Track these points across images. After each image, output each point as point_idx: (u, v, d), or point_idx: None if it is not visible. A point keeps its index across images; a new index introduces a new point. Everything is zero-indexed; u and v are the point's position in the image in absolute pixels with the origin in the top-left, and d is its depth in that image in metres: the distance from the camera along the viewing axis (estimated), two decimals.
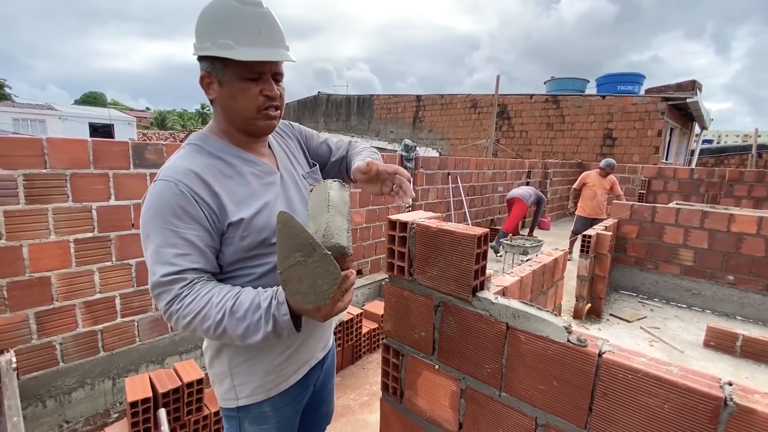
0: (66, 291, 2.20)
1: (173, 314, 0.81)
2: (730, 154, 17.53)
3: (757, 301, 3.62)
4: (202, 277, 0.85)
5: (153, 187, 0.86)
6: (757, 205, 6.28)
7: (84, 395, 2.31)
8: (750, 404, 0.58)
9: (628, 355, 0.70)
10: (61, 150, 2.09)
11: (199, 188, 0.85)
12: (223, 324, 0.79)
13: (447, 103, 15.56)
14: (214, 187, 0.87)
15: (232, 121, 0.94)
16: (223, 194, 0.88)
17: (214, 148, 0.93)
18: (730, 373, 2.81)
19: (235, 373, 0.99)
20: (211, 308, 0.79)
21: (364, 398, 2.44)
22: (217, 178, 0.89)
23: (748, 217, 3.62)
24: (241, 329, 0.79)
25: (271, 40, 0.88)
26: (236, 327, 0.79)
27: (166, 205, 0.83)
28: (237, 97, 0.89)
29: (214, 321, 0.79)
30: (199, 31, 0.87)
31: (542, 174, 9.01)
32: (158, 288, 0.82)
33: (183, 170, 0.86)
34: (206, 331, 0.80)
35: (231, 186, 0.91)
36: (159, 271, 0.81)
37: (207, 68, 0.89)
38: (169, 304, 0.81)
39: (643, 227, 4.11)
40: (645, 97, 11.34)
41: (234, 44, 0.84)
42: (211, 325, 0.79)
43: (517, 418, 0.85)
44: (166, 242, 0.82)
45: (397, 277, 1.06)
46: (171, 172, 0.86)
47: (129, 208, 2.37)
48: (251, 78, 0.88)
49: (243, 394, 0.99)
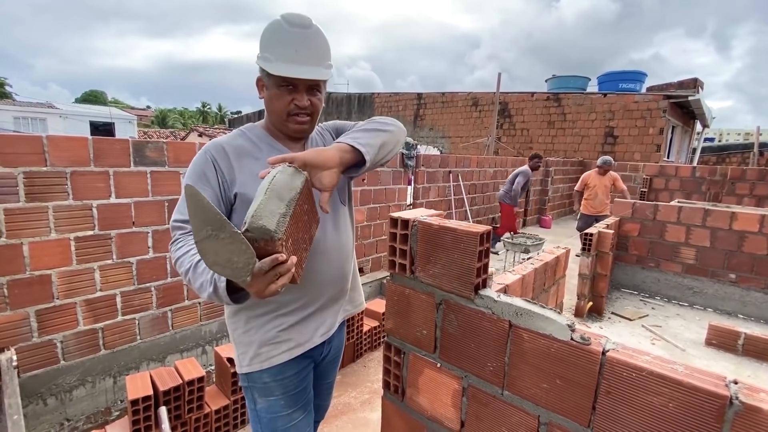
0: (67, 289, 2.20)
1: (172, 255, 1.00)
2: (731, 153, 17.47)
3: (759, 300, 3.61)
4: None
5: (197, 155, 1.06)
6: (759, 203, 6.26)
7: (85, 393, 2.32)
8: (756, 403, 0.57)
9: (633, 354, 0.70)
10: (61, 148, 2.09)
11: (221, 159, 1.03)
12: (188, 274, 0.92)
13: (448, 101, 15.52)
14: (233, 161, 1.04)
15: (271, 119, 1.11)
16: (238, 168, 1.04)
17: (253, 135, 1.11)
18: (732, 372, 2.81)
19: (237, 342, 1.12)
20: (185, 258, 0.95)
21: (365, 396, 2.43)
22: (240, 155, 1.06)
23: (750, 215, 3.61)
24: (197, 284, 0.90)
25: (306, 58, 1.02)
26: (194, 280, 0.91)
27: (195, 167, 1.03)
28: (273, 101, 1.05)
29: (185, 269, 0.93)
30: (260, 43, 1.05)
31: (543, 172, 8.98)
32: (172, 228, 1.02)
33: (216, 144, 1.06)
34: (183, 276, 0.95)
35: (249, 164, 1.05)
36: (173, 217, 1.03)
37: (260, 74, 1.07)
38: (170, 245, 1.01)
39: (645, 225, 4.10)
40: (647, 95, 11.29)
41: (272, 58, 1.00)
42: (183, 272, 0.94)
43: (519, 417, 0.84)
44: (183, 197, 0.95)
45: (399, 275, 1.06)
46: (210, 145, 1.06)
47: (129, 206, 2.37)
48: (285, 87, 1.03)
49: (244, 362, 1.11)
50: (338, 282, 1.18)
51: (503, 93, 13.33)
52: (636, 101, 11.25)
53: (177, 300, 2.66)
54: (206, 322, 2.83)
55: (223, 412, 2.00)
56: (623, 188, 5.64)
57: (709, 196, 6.67)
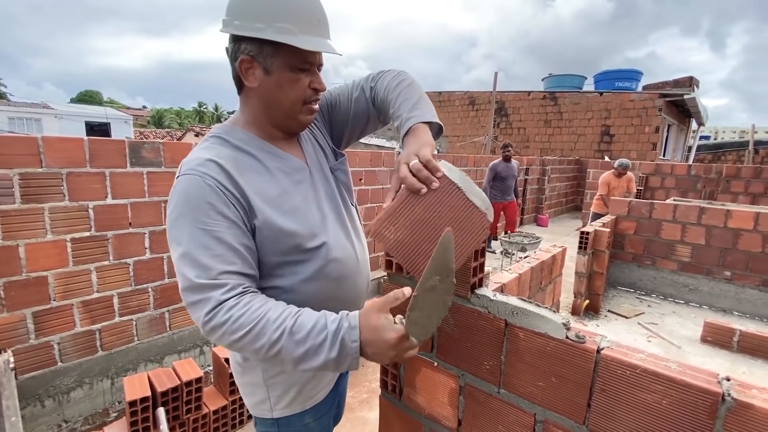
0: (63, 290, 2.19)
1: (218, 327, 0.70)
2: (727, 150, 17.58)
3: (754, 297, 3.64)
4: (246, 286, 0.75)
5: (176, 185, 0.78)
6: (754, 200, 6.31)
7: (82, 395, 2.31)
8: (748, 399, 0.58)
9: (627, 352, 0.71)
10: (56, 149, 2.08)
11: (224, 180, 0.77)
12: (279, 344, 0.70)
13: (445, 100, 15.53)
14: (239, 181, 0.79)
15: (270, 112, 0.86)
16: (249, 190, 0.79)
17: (240, 141, 0.85)
18: (727, 368, 2.83)
19: (270, 384, 0.92)
20: (267, 324, 0.70)
21: (363, 395, 2.44)
22: (242, 171, 0.80)
23: (745, 213, 3.64)
24: (300, 351, 0.70)
25: (326, 30, 0.84)
26: (295, 349, 0.70)
27: (192, 201, 0.74)
28: (285, 88, 0.82)
29: (270, 340, 0.70)
30: (245, 8, 0.77)
31: (540, 171, 9.01)
32: (193, 295, 0.72)
33: (205, 161, 0.77)
34: (258, 350, 0.71)
35: (258, 182, 0.82)
36: (190, 274, 0.72)
37: (250, 51, 0.79)
38: (211, 315, 0.70)
39: (641, 223, 4.12)
40: (642, 94, 11.35)
41: (296, 29, 0.76)
42: (265, 344, 0.70)
43: (516, 415, 0.85)
44: (196, 243, 0.72)
45: (396, 275, 1.06)
46: (193, 164, 0.77)
47: (126, 207, 2.36)
48: (301, 68, 0.82)
49: (279, 406, 0.93)
50: (366, 297, 1.06)
51: (500, 92, 13.36)
52: (632, 100, 11.31)
53: (174, 300, 2.65)
54: None
55: (221, 412, 2.00)
56: (634, 191, 5.64)
57: (704, 194, 6.71)
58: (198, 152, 0.81)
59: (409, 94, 0.89)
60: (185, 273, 0.72)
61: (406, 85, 0.92)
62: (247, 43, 0.79)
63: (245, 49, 0.79)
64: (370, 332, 0.71)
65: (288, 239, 0.83)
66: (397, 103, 0.89)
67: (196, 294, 0.72)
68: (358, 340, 0.70)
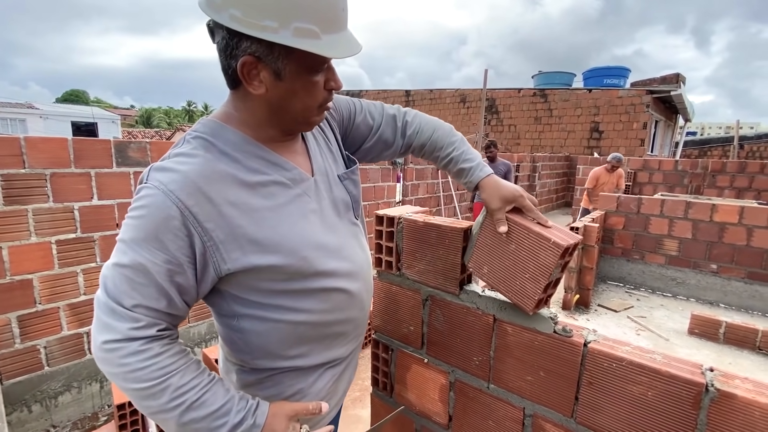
0: (49, 293, 2.15)
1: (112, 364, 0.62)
2: (712, 146, 17.89)
3: (739, 289, 3.72)
4: (163, 327, 0.65)
5: (139, 191, 0.65)
6: (739, 194, 6.42)
7: (71, 399, 2.28)
8: (730, 389, 0.59)
9: (613, 345, 0.71)
10: (40, 149, 2.04)
11: (197, 205, 0.64)
12: (170, 413, 0.63)
13: (436, 97, 15.55)
14: (222, 207, 0.66)
15: (277, 118, 0.72)
16: (235, 214, 0.67)
17: (230, 146, 0.70)
18: (713, 360, 2.88)
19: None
20: (166, 390, 0.62)
21: (356, 393, 2.44)
22: (229, 189, 0.67)
23: (730, 207, 3.70)
24: (189, 429, 0.64)
25: (346, 19, 0.68)
26: (185, 425, 0.63)
27: (143, 219, 0.63)
28: (300, 94, 0.68)
29: (162, 407, 0.62)
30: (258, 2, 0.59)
31: (531, 167, 9.08)
32: (102, 312, 0.63)
33: (181, 179, 0.63)
34: (142, 407, 0.64)
35: (249, 200, 0.69)
36: (107, 292, 0.63)
37: (256, 52, 0.62)
38: (110, 347, 0.61)
39: (630, 218, 4.18)
40: (630, 90, 11.48)
41: (319, 31, 0.61)
42: (154, 407, 0.63)
43: (505, 409, 0.86)
44: (126, 263, 0.63)
45: (386, 273, 1.06)
46: (165, 178, 0.64)
47: (113, 207, 2.33)
48: (318, 69, 0.68)
49: None
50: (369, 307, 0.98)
51: (490, 89, 13.42)
52: (620, 96, 11.43)
53: None
54: (194, 324, 2.80)
55: None
56: (623, 187, 5.65)
57: (691, 188, 6.82)
58: (176, 160, 0.67)
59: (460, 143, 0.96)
60: (103, 286, 0.64)
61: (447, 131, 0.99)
62: (251, 41, 0.62)
63: (248, 48, 0.62)
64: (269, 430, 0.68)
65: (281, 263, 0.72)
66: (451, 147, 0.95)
67: (105, 314, 0.63)
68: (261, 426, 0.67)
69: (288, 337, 0.77)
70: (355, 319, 0.86)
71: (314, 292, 0.77)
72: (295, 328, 0.77)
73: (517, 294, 0.78)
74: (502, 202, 0.82)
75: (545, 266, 0.75)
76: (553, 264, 0.74)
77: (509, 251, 0.80)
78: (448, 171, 0.96)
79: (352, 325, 0.87)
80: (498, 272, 0.82)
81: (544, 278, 0.75)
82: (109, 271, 0.64)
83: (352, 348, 0.90)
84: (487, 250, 0.84)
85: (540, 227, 0.78)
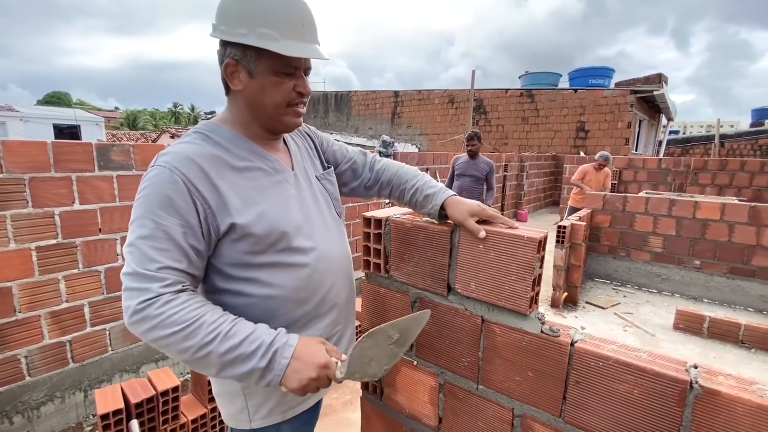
0: (29, 301, 2.09)
1: (148, 319, 0.70)
2: (695, 144, 18.30)
3: (722, 284, 3.80)
4: (186, 284, 0.76)
5: (147, 173, 0.79)
6: (721, 192, 6.58)
7: (54, 409, 2.22)
8: (714, 386, 0.60)
9: (599, 343, 0.72)
10: (17, 153, 1.98)
11: (196, 178, 0.77)
12: (210, 347, 0.71)
13: (425, 98, 15.61)
14: (215, 180, 0.79)
15: (255, 114, 0.87)
16: (225, 188, 0.80)
17: (223, 138, 0.86)
18: (698, 354, 2.94)
19: (249, 393, 0.90)
20: (201, 326, 0.71)
21: (347, 397, 2.43)
22: (220, 169, 0.81)
23: (712, 204, 3.79)
24: (230, 357, 0.72)
25: (312, 34, 0.84)
26: (225, 353, 0.71)
27: (155, 193, 0.75)
28: (268, 91, 0.83)
29: (201, 342, 0.70)
30: (230, 13, 0.80)
31: (519, 167, 9.16)
32: (131, 281, 0.72)
33: (182, 157, 0.78)
34: (184, 350, 0.71)
35: (236, 180, 0.83)
36: (134, 262, 0.72)
37: (235, 56, 0.81)
38: (144, 305, 0.70)
39: (615, 216, 4.24)
40: (615, 90, 11.68)
41: (278, 35, 0.78)
42: (194, 345, 0.70)
43: (494, 410, 0.86)
44: (147, 234, 0.74)
45: (374, 275, 1.05)
46: (168, 158, 0.78)
47: (95, 212, 2.27)
48: (286, 72, 0.83)
49: (258, 416, 0.91)
50: (353, 305, 1.07)
51: (478, 90, 13.51)
52: (605, 96, 11.63)
53: None
54: None
55: (200, 421, 1.95)
56: (609, 186, 5.69)
57: (674, 186, 6.96)
58: (177, 146, 0.82)
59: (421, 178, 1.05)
60: (129, 260, 0.73)
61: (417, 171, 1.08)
62: (232, 47, 0.81)
63: (230, 53, 0.82)
64: (303, 349, 0.76)
65: (260, 237, 0.83)
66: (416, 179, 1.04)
67: (135, 282, 0.71)
68: (289, 358, 0.74)
69: (262, 314, 0.85)
70: (329, 304, 0.94)
71: (288, 267, 0.86)
72: (269, 304, 0.86)
73: (509, 299, 0.80)
74: (469, 215, 0.86)
75: (527, 262, 0.77)
76: (533, 258, 0.76)
77: (489, 260, 0.82)
78: (415, 202, 1.00)
79: (326, 308, 0.93)
80: (485, 283, 0.83)
81: (529, 274, 0.77)
82: (130, 247, 0.74)
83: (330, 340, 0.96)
84: (468, 266, 0.86)
85: (510, 229, 0.81)
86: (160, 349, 0.74)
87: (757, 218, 3.58)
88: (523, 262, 0.77)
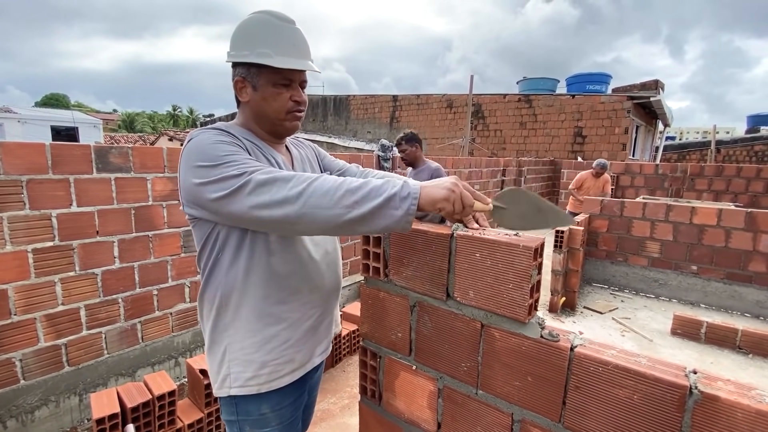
0: (25, 304, 2.07)
1: (269, 182, 0.80)
2: (691, 150, 18.42)
3: (719, 289, 3.81)
4: None
5: (188, 140, 0.92)
6: (717, 197, 6.62)
7: (48, 413, 2.19)
8: (714, 392, 0.60)
9: (599, 348, 0.72)
10: (15, 155, 1.97)
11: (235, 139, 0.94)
12: (342, 189, 0.77)
13: (423, 102, 15.66)
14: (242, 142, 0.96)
15: (261, 121, 1.04)
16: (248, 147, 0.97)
17: (238, 134, 0.99)
18: (695, 359, 2.94)
19: (232, 359, 1.00)
20: (324, 178, 0.80)
21: (345, 401, 2.41)
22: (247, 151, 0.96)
23: (708, 210, 3.81)
24: (363, 191, 0.77)
25: (302, 53, 1.01)
26: (357, 189, 0.78)
27: (211, 140, 0.89)
28: (269, 101, 0.99)
29: (333, 185, 0.78)
30: (237, 41, 0.99)
31: (517, 172, 9.19)
32: (228, 181, 0.82)
33: (217, 129, 0.95)
34: (324, 194, 0.77)
35: None
36: (225, 172, 0.83)
37: (242, 74, 0.99)
38: (253, 175, 0.82)
39: (613, 221, 4.26)
40: (612, 96, 11.75)
41: (272, 53, 0.95)
42: (330, 189, 0.77)
43: (494, 415, 0.85)
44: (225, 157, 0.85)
45: (373, 279, 1.05)
46: (204, 129, 0.94)
47: (93, 214, 2.26)
48: (283, 84, 0.99)
49: (237, 383, 1.00)
50: (336, 291, 1.16)
51: (476, 94, 13.57)
52: (602, 102, 11.69)
53: (147, 311, 2.56)
54: (178, 333, 2.74)
55: (197, 425, 1.93)
56: (609, 192, 5.74)
57: (671, 191, 7.00)
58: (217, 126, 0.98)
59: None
60: (224, 182, 0.83)
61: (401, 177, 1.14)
62: (240, 67, 0.99)
63: (238, 72, 1.00)
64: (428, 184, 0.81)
65: None
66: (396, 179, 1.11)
67: (240, 187, 0.81)
68: (417, 185, 0.79)
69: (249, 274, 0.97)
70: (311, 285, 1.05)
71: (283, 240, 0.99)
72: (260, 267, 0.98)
73: (508, 306, 0.79)
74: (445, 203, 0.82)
75: (523, 271, 0.77)
76: (530, 266, 0.76)
77: (486, 268, 0.82)
78: None
79: (307, 289, 1.04)
80: (483, 291, 0.83)
81: (526, 282, 0.77)
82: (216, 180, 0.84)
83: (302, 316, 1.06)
84: (466, 275, 0.86)
85: (506, 237, 0.81)
86: (283, 210, 0.79)
87: (753, 224, 3.59)
88: (520, 270, 0.77)
